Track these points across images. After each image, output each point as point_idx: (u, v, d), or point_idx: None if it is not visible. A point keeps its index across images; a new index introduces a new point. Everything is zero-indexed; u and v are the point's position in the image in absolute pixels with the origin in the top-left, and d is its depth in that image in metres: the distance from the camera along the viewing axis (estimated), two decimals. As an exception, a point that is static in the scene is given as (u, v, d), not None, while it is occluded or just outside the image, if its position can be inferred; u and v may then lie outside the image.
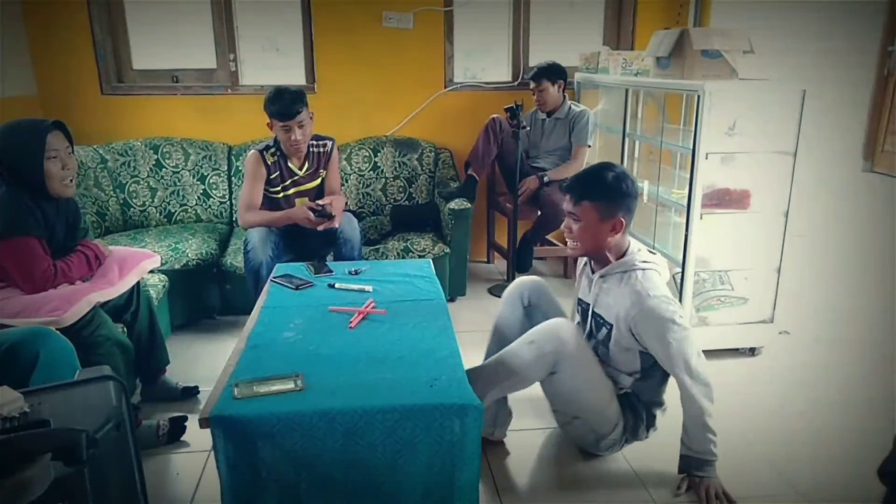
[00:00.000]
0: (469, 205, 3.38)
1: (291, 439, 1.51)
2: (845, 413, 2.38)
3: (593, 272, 2.04)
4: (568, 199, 1.93)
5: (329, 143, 3.05)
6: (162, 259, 2.97)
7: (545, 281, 2.29)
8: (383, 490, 1.58)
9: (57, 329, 1.84)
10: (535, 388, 2.59)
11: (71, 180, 2.06)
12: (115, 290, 2.14)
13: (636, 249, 1.98)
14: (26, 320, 1.84)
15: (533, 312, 2.22)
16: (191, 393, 2.45)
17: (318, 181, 3.04)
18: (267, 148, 2.94)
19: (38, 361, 1.63)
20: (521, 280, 2.28)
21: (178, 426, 2.21)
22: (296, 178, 2.98)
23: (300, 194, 3.01)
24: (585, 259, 2.12)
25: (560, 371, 1.89)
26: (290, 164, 2.96)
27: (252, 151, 2.94)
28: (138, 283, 2.34)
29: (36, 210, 1.99)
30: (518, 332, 2.07)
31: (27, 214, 1.95)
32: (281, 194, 2.98)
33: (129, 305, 2.30)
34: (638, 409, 2.01)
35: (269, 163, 2.92)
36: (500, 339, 2.21)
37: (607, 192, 1.89)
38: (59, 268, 2.03)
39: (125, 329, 2.25)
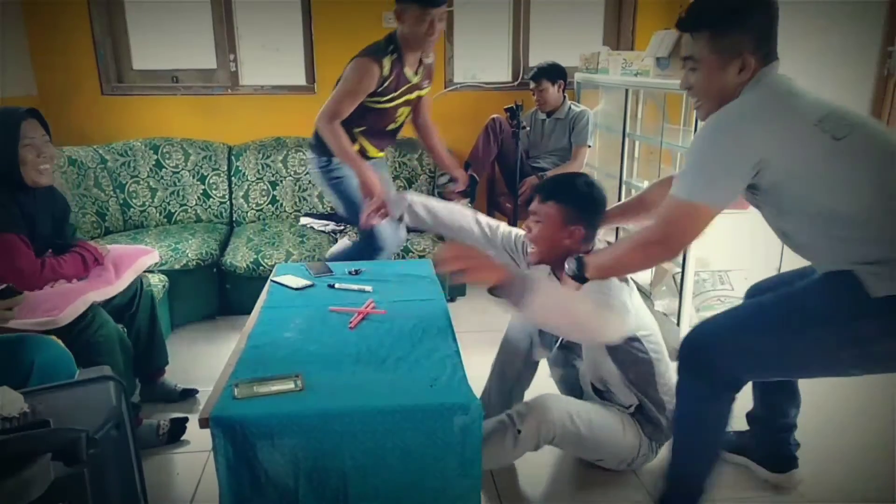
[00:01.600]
0: (469, 205, 3.38)
1: (291, 439, 1.51)
2: (845, 412, 2.38)
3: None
4: (536, 198, 1.88)
5: (433, 57, 2.75)
6: (162, 259, 2.98)
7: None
8: (383, 490, 1.58)
9: (55, 329, 1.84)
10: (533, 388, 2.59)
11: (47, 168, 2.01)
12: (114, 288, 2.14)
13: None
14: (23, 321, 1.82)
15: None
16: (189, 394, 2.45)
17: (424, 92, 2.73)
18: (381, 52, 2.51)
19: (32, 370, 1.61)
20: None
21: (178, 426, 2.21)
22: (410, 84, 2.62)
23: (406, 104, 2.70)
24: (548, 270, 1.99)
25: (561, 445, 1.87)
26: (405, 70, 2.57)
27: (364, 58, 2.50)
28: (142, 282, 2.34)
29: (11, 205, 1.94)
30: (528, 345, 2.08)
31: (1, 210, 1.92)
32: (389, 104, 2.61)
33: (132, 305, 2.30)
34: (652, 415, 1.92)
35: (386, 71, 2.51)
36: (507, 355, 2.18)
37: (577, 197, 1.84)
38: (49, 263, 2.00)
39: (125, 328, 2.25)
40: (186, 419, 2.24)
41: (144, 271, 2.37)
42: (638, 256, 1.60)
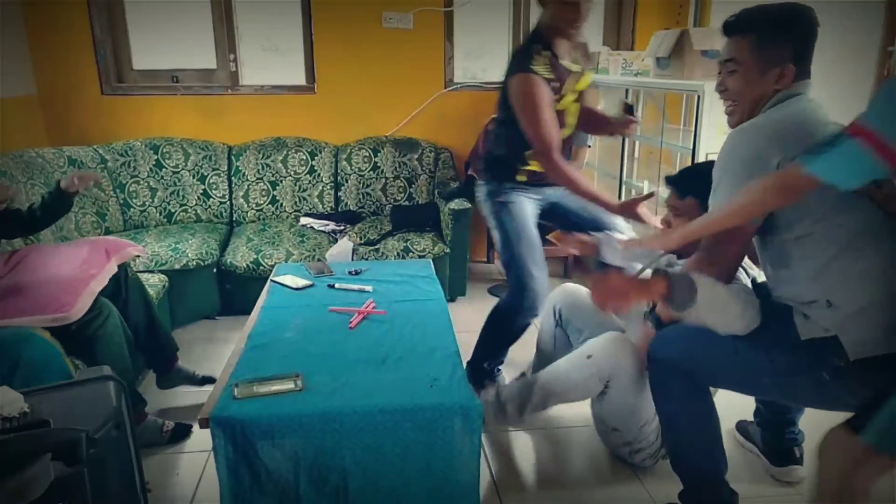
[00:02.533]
0: (469, 205, 3.38)
1: (291, 439, 1.51)
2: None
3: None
4: (671, 192, 1.83)
5: (584, 35, 2.40)
6: (162, 259, 2.98)
7: (577, 288, 2.25)
8: (383, 490, 1.58)
9: (67, 324, 1.83)
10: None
11: None
12: (107, 272, 2.12)
13: None
14: (33, 318, 1.83)
15: (566, 325, 2.21)
16: (210, 381, 2.39)
17: (588, 78, 2.32)
18: (528, 59, 2.13)
19: (18, 366, 1.61)
20: (554, 293, 2.23)
21: (183, 430, 2.20)
22: (573, 74, 2.22)
23: (575, 101, 2.30)
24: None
25: (612, 388, 1.89)
26: (562, 62, 2.20)
27: (518, 75, 2.12)
28: (126, 272, 2.29)
29: None
30: (552, 347, 2.16)
31: None
32: (559, 107, 2.21)
33: (120, 293, 2.25)
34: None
35: (546, 73, 2.14)
36: (539, 354, 2.26)
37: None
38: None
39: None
40: (191, 426, 2.22)
41: (145, 271, 2.37)
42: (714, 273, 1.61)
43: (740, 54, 1.56)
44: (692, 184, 1.77)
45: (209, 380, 2.43)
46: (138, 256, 2.37)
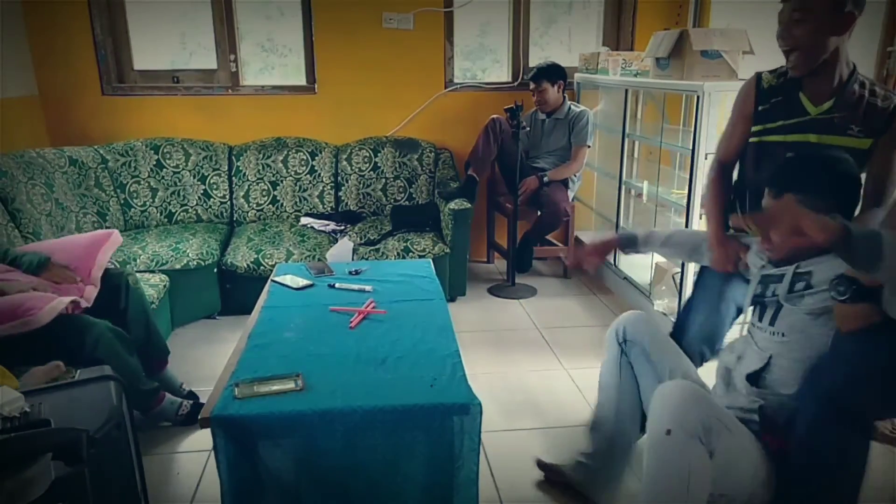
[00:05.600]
0: (469, 205, 3.39)
1: (291, 439, 1.52)
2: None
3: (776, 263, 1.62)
4: (767, 193, 1.56)
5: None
6: (162, 259, 2.99)
7: (647, 316, 1.91)
8: (383, 489, 1.58)
9: (32, 329, 1.83)
10: (539, 387, 2.59)
11: None
12: (90, 290, 2.15)
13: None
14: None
15: (630, 349, 1.84)
16: (193, 397, 2.41)
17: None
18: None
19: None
20: (617, 320, 1.92)
21: (198, 407, 2.22)
22: (808, 118, 1.77)
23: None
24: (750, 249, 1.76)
25: (717, 446, 1.41)
26: (801, 95, 1.79)
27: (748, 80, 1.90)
28: (127, 283, 2.30)
29: None
30: (617, 379, 1.83)
31: None
32: (769, 137, 1.83)
33: (119, 301, 2.27)
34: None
35: (768, 85, 1.84)
36: (602, 393, 1.91)
37: (817, 183, 1.50)
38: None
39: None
40: (199, 398, 2.25)
41: (145, 271, 2.37)
42: None
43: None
44: (789, 179, 1.54)
45: (193, 396, 2.42)
46: (156, 265, 2.39)
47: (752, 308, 1.69)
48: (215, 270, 3.16)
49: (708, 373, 1.86)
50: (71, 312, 1.99)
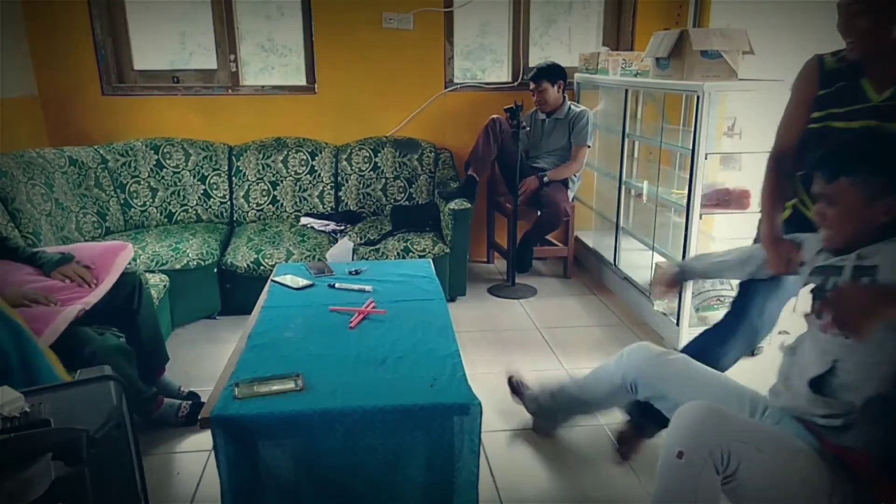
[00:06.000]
0: (469, 205, 3.39)
1: (291, 439, 1.52)
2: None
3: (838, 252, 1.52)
4: (819, 178, 1.48)
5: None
6: (162, 259, 2.99)
7: (656, 356, 1.79)
8: (383, 489, 1.58)
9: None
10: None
11: None
12: (94, 296, 2.09)
13: None
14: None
15: (645, 396, 1.77)
16: (194, 397, 2.41)
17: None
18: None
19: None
20: (624, 358, 1.83)
21: (198, 406, 2.22)
22: (870, 104, 1.72)
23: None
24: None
25: (741, 468, 1.34)
26: (864, 81, 1.74)
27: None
28: (140, 281, 2.33)
29: None
30: (608, 388, 1.84)
31: None
32: (834, 122, 1.78)
33: (131, 305, 2.29)
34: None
35: (830, 68, 1.80)
36: (593, 379, 1.94)
37: (873, 166, 1.41)
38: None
39: (123, 332, 2.23)
40: (200, 397, 2.25)
41: (146, 271, 2.37)
42: None
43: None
44: (842, 161, 1.46)
45: (194, 395, 2.42)
46: (156, 265, 2.38)
47: (811, 301, 1.56)
48: (215, 270, 3.16)
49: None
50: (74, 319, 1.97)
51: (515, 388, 2.30)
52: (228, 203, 3.67)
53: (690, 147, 2.64)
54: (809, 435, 1.45)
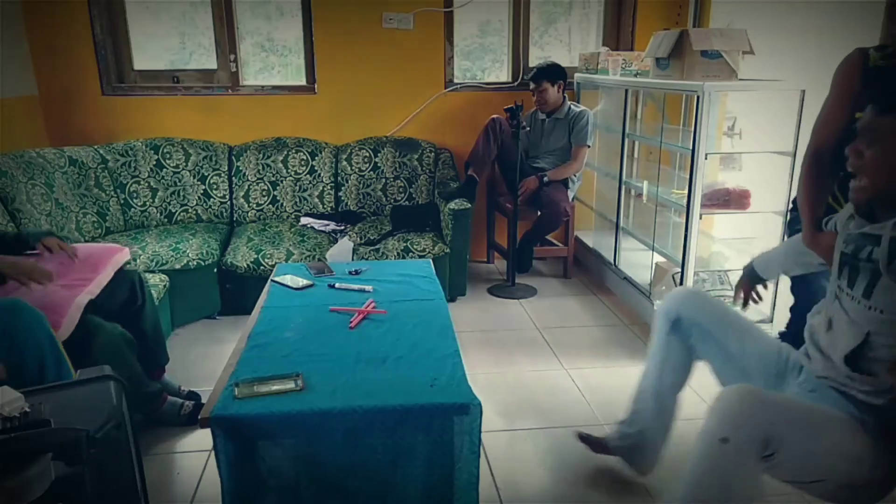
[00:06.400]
0: (469, 205, 3.39)
1: (291, 439, 1.52)
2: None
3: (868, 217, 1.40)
4: (868, 113, 1.36)
5: None
6: (162, 259, 2.99)
7: (699, 292, 1.82)
8: (383, 489, 1.58)
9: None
10: (539, 387, 2.59)
11: None
12: (96, 285, 2.11)
13: None
14: None
15: (688, 331, 1.75)
16: (194, 397, 2.41)
17: None
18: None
19: (6, 335, 1.65)
20: (670, 294, 1.82)
21: (199, 406, 2.22)
22: None
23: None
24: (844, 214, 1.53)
25: (780, 452, 1.31)
26: None
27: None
28: (141, 280, 2.34)
29: None
30: (661, 353, 1.79)
31: None
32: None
33: (135, 301, 2.29)
34: None
35: (874, 65, 1.73)
36: (648, 367, 1.87)
37: None
38: None
39: (126, 327, 2.24)
40: (201, 397, 2.25)
41: (146, 271, 2.37)
42: None
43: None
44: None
45: (195, 395, 2.42)
46: (128, 262, 2.37)
47: (837, 266, 1.48)
48: (215, 270, 3.16)
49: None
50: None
51: (591, 441, 2.06)
52: (228, 203, 3.67)
53: (690, 147, 2.64)
54: (848, 404, 1.40)
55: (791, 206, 2.01)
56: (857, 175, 1.37)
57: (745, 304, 1.87)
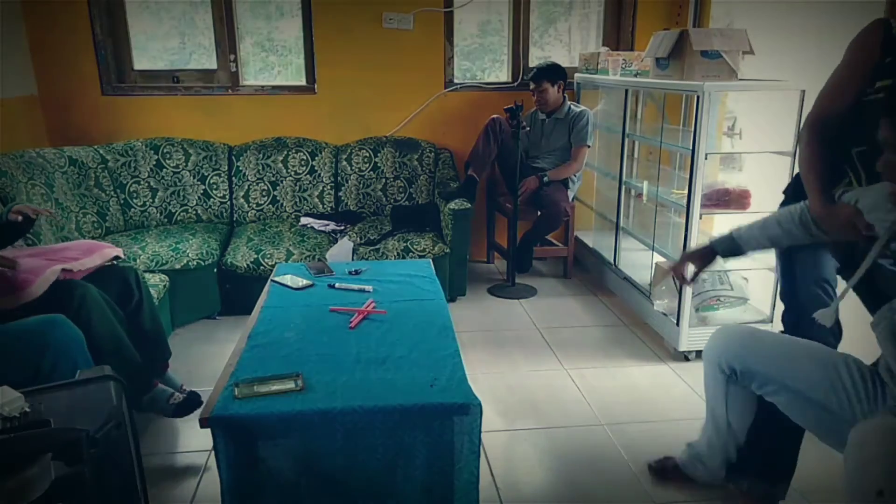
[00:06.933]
0: (469, 205, 3.39)
1: (291, 439, 1.52)
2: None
3: None
4: (886, 123, 1.30)
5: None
6: (162, 259, 2.99)
7: (747, 334, 1.67)
8: (383, 489, 1.58)
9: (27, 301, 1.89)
10: (539, 387, 2.59)
11: None
12: (80, 263, 2.13)
13: None
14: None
15: (748, 382, 1.61)
16: (194, 396, 2.40)
17: None
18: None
19: (47, 348, 1.69)
20: (715, 341, 1.70)
21: (192, 401, 2.20)
22: None
23: None
24: None
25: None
26: None
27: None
28: (137, 276, 2.32)
29: None
30: (722, 402, 1.69)
31: None
32: None
33: (130, 297, 2.27)
34: None
35: None
36: (711, 409, 1.78)
37: None
38: None
39: (126, 320, 2.23)
40: (200, 396, 2.20)
41: (145, 271, 2.37)
42: None
43: None
44: None
45: (195, 395, 2.39)
46: (118, 258, 2.36)
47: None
48: (215, 270, 3.16)
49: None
50: (63, 279, 2.03)
51: (663, 470, 2.01)
52: (228, 203, 3.67)
53: (690, 147, 2.64)
54: None
55: (783, 196, 1.98)
56: (891, 149, 1.27)
57: (682, 284, 1.82)
